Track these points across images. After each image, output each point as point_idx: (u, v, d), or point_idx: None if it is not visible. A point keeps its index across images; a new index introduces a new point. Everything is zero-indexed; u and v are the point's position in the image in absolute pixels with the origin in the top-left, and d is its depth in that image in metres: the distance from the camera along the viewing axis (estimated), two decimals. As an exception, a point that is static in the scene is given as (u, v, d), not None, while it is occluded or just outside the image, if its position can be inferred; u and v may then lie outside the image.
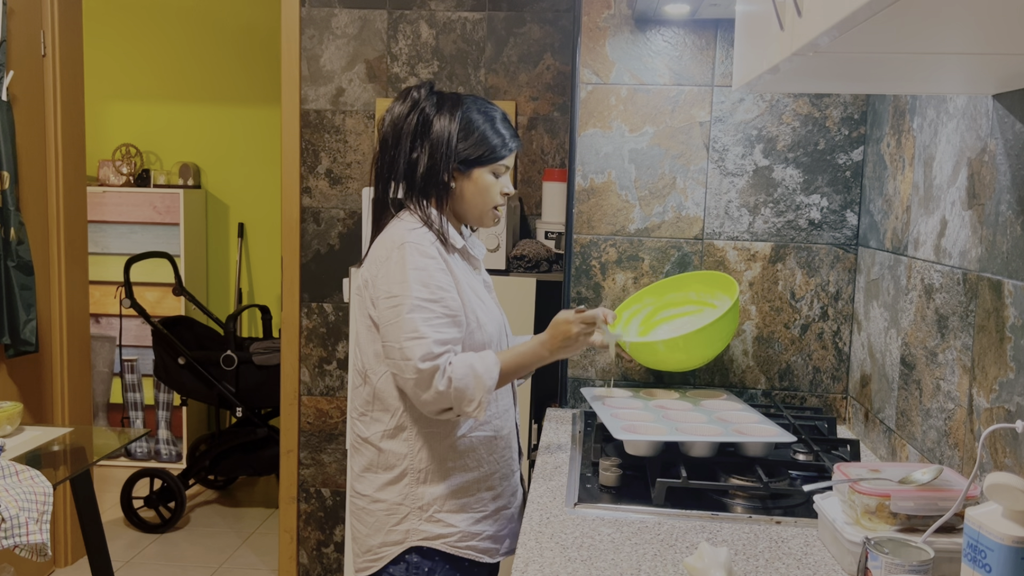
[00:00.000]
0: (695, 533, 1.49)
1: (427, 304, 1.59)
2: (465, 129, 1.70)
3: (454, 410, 1.60)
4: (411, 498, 1.66)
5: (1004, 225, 1.40)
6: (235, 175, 4.94)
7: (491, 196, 1.73)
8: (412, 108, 1.70)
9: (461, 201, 1.73)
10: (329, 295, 3.23)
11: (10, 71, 3.08)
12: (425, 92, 1.72)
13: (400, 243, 1.62)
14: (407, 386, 1.60)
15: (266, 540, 3.88)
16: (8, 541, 1.90)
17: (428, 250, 1.63)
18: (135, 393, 4.67)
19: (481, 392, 1.59)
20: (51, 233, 3.39)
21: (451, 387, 1.57)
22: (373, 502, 1.69)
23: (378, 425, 1.69)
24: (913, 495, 1.30)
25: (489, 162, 1.71)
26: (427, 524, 1.66)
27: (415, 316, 1.58)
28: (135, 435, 2.77)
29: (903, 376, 1.84)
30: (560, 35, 3.07)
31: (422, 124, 1.69)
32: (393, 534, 1.67)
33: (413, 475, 1.66)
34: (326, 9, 3.11)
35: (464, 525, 1.67)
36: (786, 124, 2.19)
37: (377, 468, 1.69)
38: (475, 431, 1.70)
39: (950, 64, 1.22)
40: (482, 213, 1.75)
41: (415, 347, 1.57)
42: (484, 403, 1.60)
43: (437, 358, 1.57)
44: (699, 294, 2.14)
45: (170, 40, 4.88)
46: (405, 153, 1.69)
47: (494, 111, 1.75)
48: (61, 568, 3.52)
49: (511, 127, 1.76)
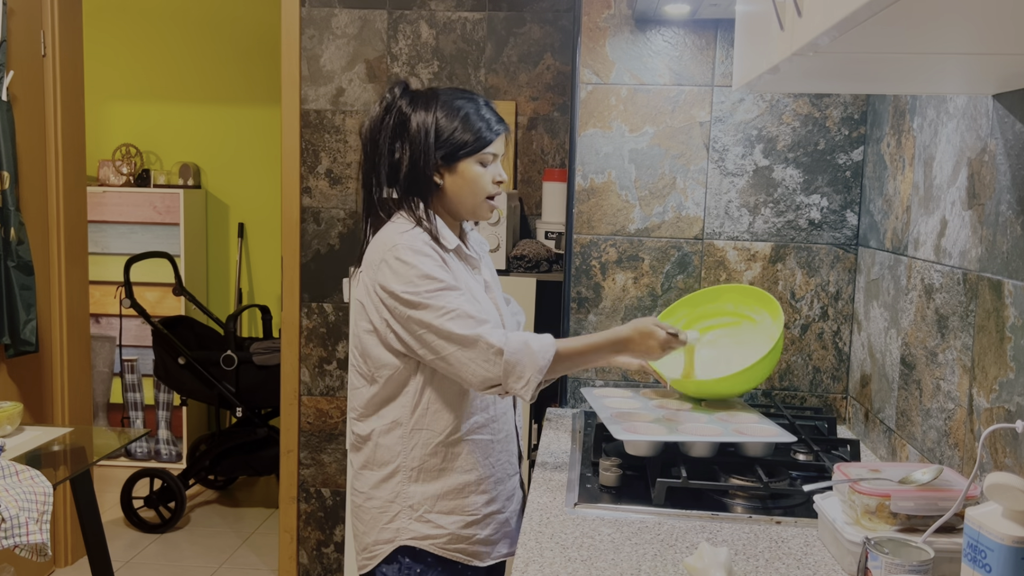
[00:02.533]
0: (695, 533, 1.49)
1: (443, 291, 1.57)
2: (443, 121, 1.65)
3: (502, 386, 1.55)
4: (402, 496, 1.65)
5: (1004, 225, 1.40)
6: (235, 175, 4.94)
7: (481, 187, 1.68)
8: (388, 109, 1.67)
9: (451, 197, 1.69)
10: (329, 295, 3.23)
11: (10, 71, 3.08)
12: (399, 91, 1.69)
13: (392, 245, 1.60)
14: (451, 362, 1.56)
15: (266, 540, 3.88)
16: (8, 541, 1.90)
17: (422, 248, 1.60)
18: (135, 393, 4.67)
19: (532, 370, 1.54)
20: (51, 233, 3.39)
21: (502, 358, 1.53)
22: (368, 499, 1.69)
23: (378, 421, 1.67)
24: (913, 495, 1.30)
25: (473, 151, 1.66)
26: (416, 524, 1.65)
27: (438, 300, 1.55)
28: (135, 435, 2.77)
29: (903, 376, 1.84)
30: (560, 35, 3.07)
31: (399, 123, 1.66)
32: (385, 532, 1.66)
33: (405, 473, 1.65)
34: (326, 9, 3.11)
35: (454, 527, 1.66)
36: (786, 124, 2.19)
37: (372, 465, 1.68)
38: (473, 433, 1.67)
39: (950, 64, 1.22)
40: (475, 206, 1.70)
41: (450, 322, 1.54)
42: (533, 383, 1.55)
43: (479, 326, 1.54)
44: (736, 305, 2.07)
45: (170, 40, 4.87)
46: (385, 155, 1.66)
47: (475, 97, 1.70)
48: (61, 568, 3.52)
49: (494, 112, 1.70)
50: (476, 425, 1.68)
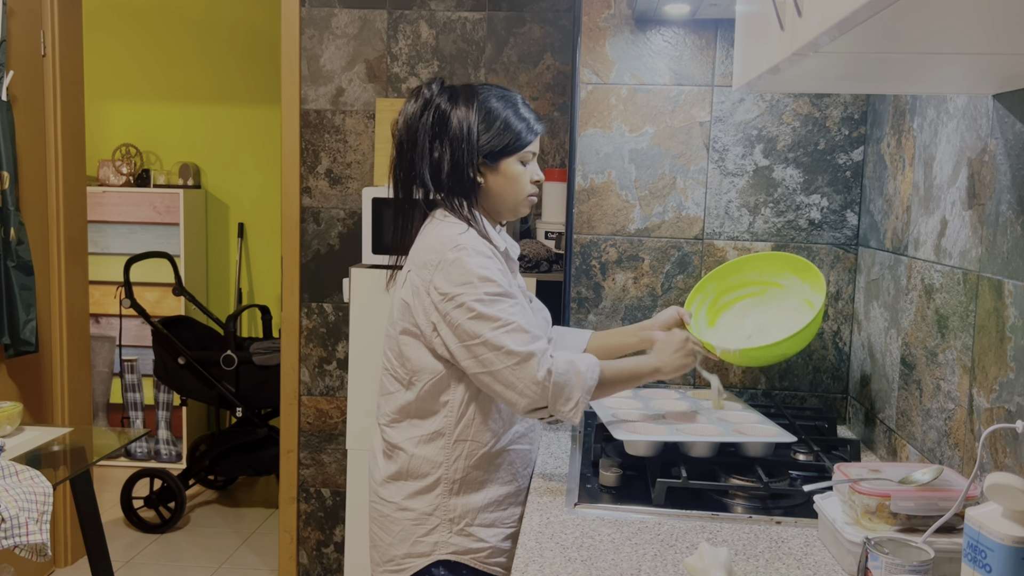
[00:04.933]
0: (695, 533, 1.49)
1: (501, 297, 1.51)
2: (485, 119, 1.60)
3: (548, 408, 1.50)
4: (442, 509, 1.59)
5: (1004, 225, 1.40)
6: (235, 175, 4.94)
7: (522, 186, 1.64)
8: (425, 106, 1.61)
9: (492, 196, 1.64)
10: (329, 295, 3.23)
11: (10, 71, 3.08)
12: (437, 88, 1.63)
13: (454, 245, 1.53)
14: (499, 379, 1.49)
15: (266, 540, 3.88)
16: (8, 541, 1.89)
17: (483, 250, 1.55)
18: (135, 393, 4.67)
19: (580, 391, 1.50)
20: (51, 233, 3.39)
21: (551, 379, 1.47)
22: (399, 510, 1.61)
23: (414, 430, 1.60)
24: (913, 495, 1.30)
25: (516, 150, 1.62)
26: (457, 537, 1.58)
27: (494, 308, 1.49)
28: (135, 435, 2.77)
29: (903, 376, 1.84)
30: (560, 35, 3.07)
31: (439, 120, 1.60)
32: (420, 545, 1.59)
33: (446, 485, 1.59)
34: (326, 9, 3.11)
35: (494, 541, 1.61)
36: (786, 124, 2.19)
37: (407, 476, 1.61)
38: (514, 443, 1.63)
39: (950, 64, 1.21)
40: (516, 204, 1.66)
41: (505, 335, 1.47)
42: (582, 405, 1.50)
43: (533, 342, 1.48)
44: (760, 274, 2.03)
45: (170, 40, 4.88)
46: (425, 154, 1.60)
47: (513, 96, 1.65)
48: (61, 568, 3.52)
49: (531, 111, 1.67)
50: (517, 435, 1.64)
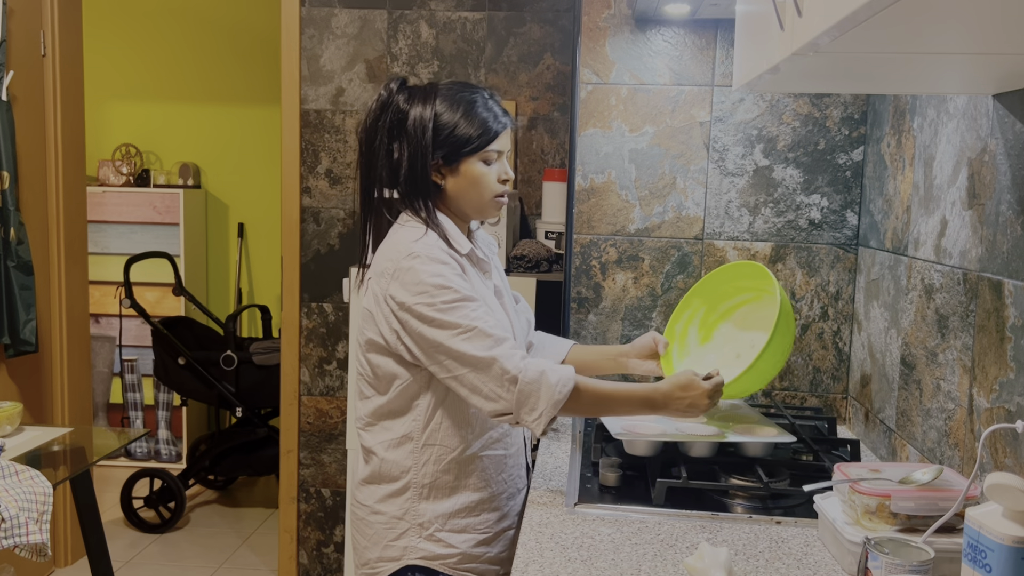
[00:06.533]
0: (695, 533, 1.49)
1: (459, 303, 1.47)
2: (443, 117, 1.53)
3: (513, 415, 1.46)
4: (411, 514, 1.57)
5: (1004, 225, 1.40)
6: (235, 175, 4.94)
7: (486, 187, 1.57)
8: (384, 106, 1.57)
9: (454, 198, 1.59)
10: (329, 295, 3.23)
11: (10, 71, 3.08)
12: (396, 86, 1.58)
13: (408, 253, 1.50)
14: (464, 383, 1.47)
15: (266, 540, 3.88)
16: (8, 541, 1.89)
17: (439, 255, 1.51)
18: (135, 393, 4.67)
19: (546, 404, 1.45)
20: (51, 233, 3.39)
21: (516, 386, 1.44)
22: (372, 513, 1.61)
23: (385, 434, 1.59)
24: (913, 495, 1.30)
25: (476, 149, 1.55)
26: (426, 543, 1.57)
27: (452, 316, 1.46)
28: (135, 435, 2.78)
29: (903, 376, 1.84)
30: (560, 35, 3.07)
31: (396, 121, 1.56)
32: (390, 549, 1.58)
33: (416, 489, 1.57)
34: (326, 9, 3.11)
35: (465, 547, 1.58)
36: (786, 124, 2.19)
37: (380, 479, 1.59)
38: (488, 449, 1.60)
39: (950, 64, 1.22)
40: (481, 206, 1.60)
41: (464, 342, 1.44)
42: (546, 418, 1.45)
43: (496, 346, 1.45)
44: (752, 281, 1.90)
45: (170, 40, 4.87)
46: (383, 154, 1.56)
47: (474, 93, 1.57)
48: (61, 568, 3.52)
49: (498, 105, 1.59)
50: (491, 440, 1.61)
